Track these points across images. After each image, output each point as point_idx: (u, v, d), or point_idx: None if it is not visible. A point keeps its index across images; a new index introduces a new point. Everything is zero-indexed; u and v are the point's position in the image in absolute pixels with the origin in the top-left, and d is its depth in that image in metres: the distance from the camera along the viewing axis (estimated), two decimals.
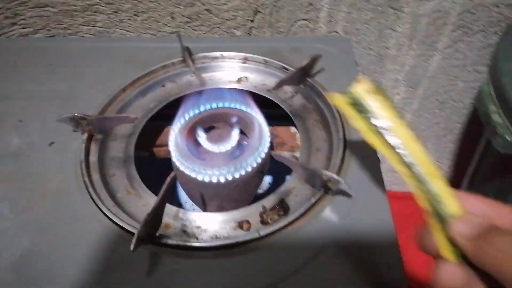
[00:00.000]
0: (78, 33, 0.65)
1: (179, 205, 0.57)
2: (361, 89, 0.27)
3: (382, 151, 0.26)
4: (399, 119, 0.26)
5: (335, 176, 0.37)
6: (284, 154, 0.38)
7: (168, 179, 0.37)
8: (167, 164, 0.47)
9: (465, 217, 0.23)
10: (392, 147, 0.26)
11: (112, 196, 0.41)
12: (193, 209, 0.55)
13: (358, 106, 0.27)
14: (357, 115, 0.28)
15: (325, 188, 0.39)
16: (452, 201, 0.23)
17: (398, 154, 0.26)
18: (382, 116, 0.27)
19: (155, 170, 0.52)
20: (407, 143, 0.26)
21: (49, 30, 0.64)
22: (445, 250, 0.23)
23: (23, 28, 0.64)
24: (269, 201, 0.41)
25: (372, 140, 0.27)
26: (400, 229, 0.38)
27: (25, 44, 0.61)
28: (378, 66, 0.71)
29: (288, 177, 0.42)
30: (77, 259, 0.35)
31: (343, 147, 0.43)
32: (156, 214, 0.36)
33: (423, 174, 0.24)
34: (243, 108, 0.49)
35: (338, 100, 0.29)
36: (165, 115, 0.50)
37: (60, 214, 0.39)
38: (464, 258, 0.22)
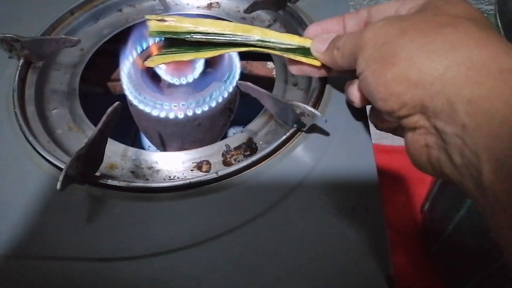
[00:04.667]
0: None
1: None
2: (158, 24, 0.31)
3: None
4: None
5: (310, 108, 0.30)
6: (251, 84, 0.31)
7: (110, 109, 0.30)
8: (124, 101, 0.40)
9: (318, 37, 0.31)
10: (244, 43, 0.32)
11: (50, 131, 0.35)
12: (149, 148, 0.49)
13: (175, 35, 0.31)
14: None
15: (299, 124, 0.33)
16: (308, 41, 0.32)
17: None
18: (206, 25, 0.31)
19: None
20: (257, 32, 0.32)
21: None
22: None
23: None
24: (234, 140, 0.35)
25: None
26: (386, 183, 0.33)
27: None
28: None
29: (259, 115, 0.36)
30: (3, 202, 0.30)
31: (323, 82, 0.37)
32: (94, 149, 0.30)
33: (278, 40, 0.32)
34: None
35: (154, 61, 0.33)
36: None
37: None
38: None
